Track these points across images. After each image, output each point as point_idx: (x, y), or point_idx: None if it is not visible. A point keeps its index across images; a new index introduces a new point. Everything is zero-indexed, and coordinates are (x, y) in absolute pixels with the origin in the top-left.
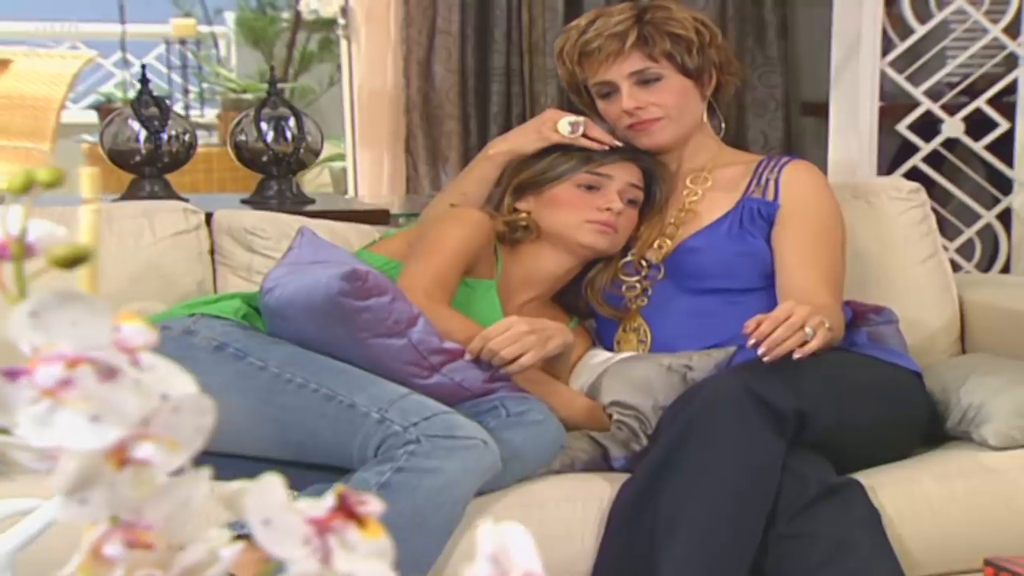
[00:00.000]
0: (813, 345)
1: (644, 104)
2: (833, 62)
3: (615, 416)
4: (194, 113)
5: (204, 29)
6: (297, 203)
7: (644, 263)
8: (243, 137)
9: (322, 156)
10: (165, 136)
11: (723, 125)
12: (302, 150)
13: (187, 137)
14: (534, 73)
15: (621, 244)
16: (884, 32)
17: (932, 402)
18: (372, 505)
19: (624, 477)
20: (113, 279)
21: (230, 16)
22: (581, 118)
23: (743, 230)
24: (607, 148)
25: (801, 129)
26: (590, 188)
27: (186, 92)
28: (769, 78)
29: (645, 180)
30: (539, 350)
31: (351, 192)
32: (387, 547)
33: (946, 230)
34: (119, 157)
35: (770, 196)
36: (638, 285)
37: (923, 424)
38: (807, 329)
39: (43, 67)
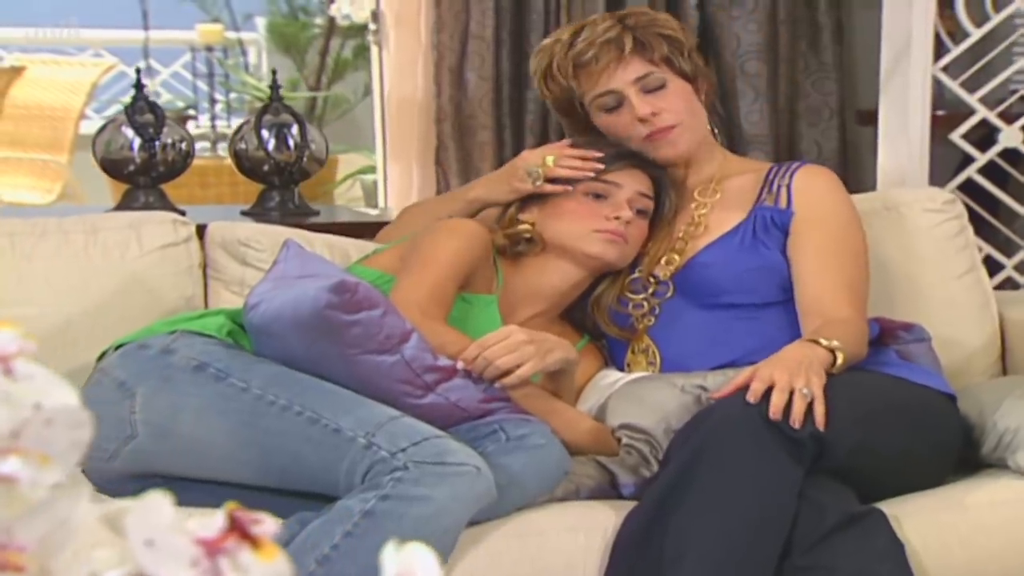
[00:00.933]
0: (819, 395)
1: (658, 111)
2: (882, 67)
3: (624, 440)
4: (221, 124)
5: (233, 36)
6: (300, 215)
7: (652, 280)
8: (243, 145)
9: (355, 168)
10: (159, 144)
11: (718, 134)
12: (305, 159)
13: (183, 145)
14: None
15: (631, 256)
16: (937, 36)
17: (966, 426)
18: (266, 525)
19: (632, 505)
20: (96, 294)
21: (261, 22)
22: (538, 163)
23: (756, 241)
24: (591, 174)
25: (857, 138)
26: (597, 197)
27: (212, 102)
28: (823, 84)
29: (655, 190)
30: (538, 361)
31: (381, 205)
32: (284, 570)
33: (1009, 247)
34: (112, 166)
35: (783, 204)
36: (645, 303)
37: (955, 450)
38: (803, 391)
39: (61, 75)
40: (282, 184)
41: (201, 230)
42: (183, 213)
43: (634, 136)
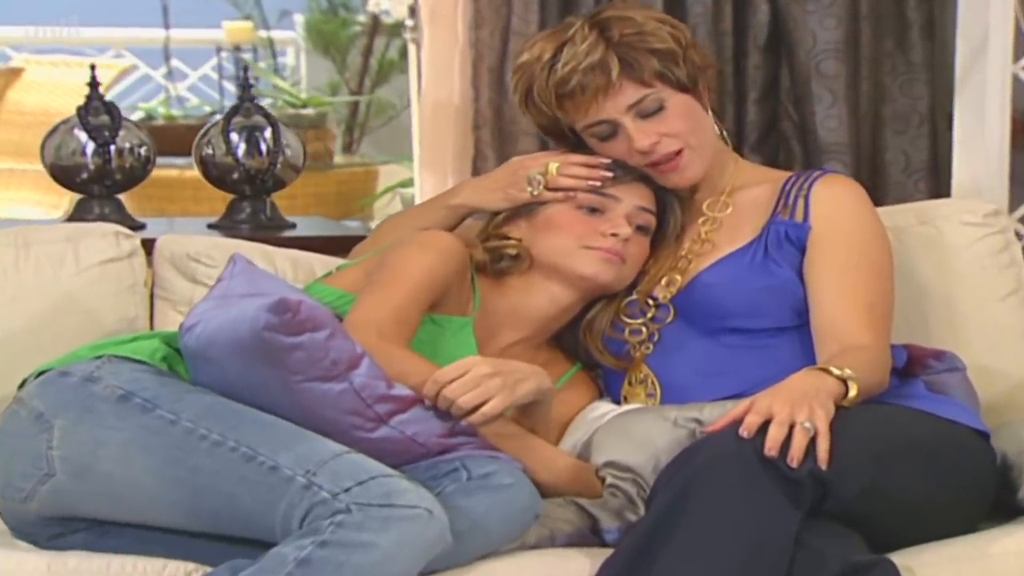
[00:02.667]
0: (823, 429)
1: (657, 138)
2: (957, 67)
3: (608, 480)
4: None
5: (268, 34)
6: (274, 227)
7: (651, 302)
8: (209, 151)
9: (396, 181)
10: (115, 149)
11: (727, 137)
12: (279, 166)
13: (143, 150)
14: None
15: (629, 278)
16: (1017, 31)
17: (1003, 467)
18: None
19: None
20: (24, 315)
21: (300, 20)
22: (541, 169)
23: (767, 259)
24: (597, 184)
25: (950, 147)
26: (593, 211)
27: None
28: (911, 87)
29: (658, 204)
30: (507, 395)
31: None
32: None
33: None
34: (63, 174)
35: (799, 216)
36: (644, 329)
37: (987, 494)
38: (804, 424)
39: (71, 79)
40: (254, 194)
41: (151, 244)
42: (142, 226)
43: (635, 164)
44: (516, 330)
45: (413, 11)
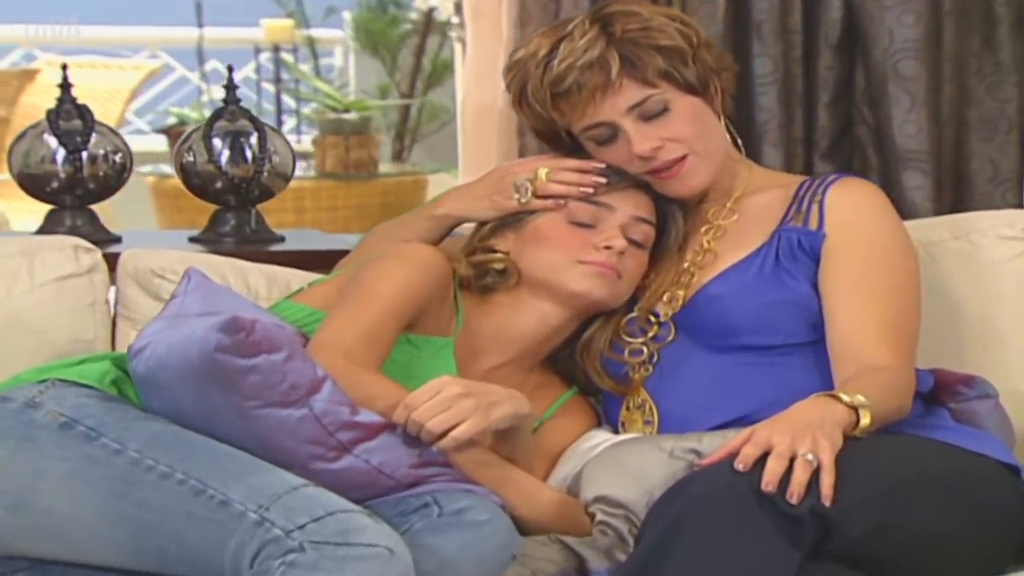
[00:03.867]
0: (827, 462)
1: (660, 142)
2: None
3: (598, 516)
4: (291, 138)
5: (314, 33)
6: (260, 241)
7: (652, 319)
8: (190, 158)
9: (445, 190)
10: (87, 156)
11: (740, 142)
12: (265, 174)
13: (118, 157)
14: None
15: (626, 294)
16: None
17: None
18: None
19: None
20: None
21: (348, 18)
22: (529, 175)
23: (779, 269)
24: (590, 190)
25: None
26: (585, 223)
27: (278, 111)
28: (999, 90)
29: (658, 214)
30: (479, 420)
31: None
32: None
33: None
34: (31, 183)
35: (813, 224)
36: (644, 348)
37: (1016, 534)
38: (807, 457)
39: (96, 81)
40: (238, 204)
41: (114, 259)
42: (118, 239)
43: (635, 171)
44: (502, 352)
45: (459, 8)
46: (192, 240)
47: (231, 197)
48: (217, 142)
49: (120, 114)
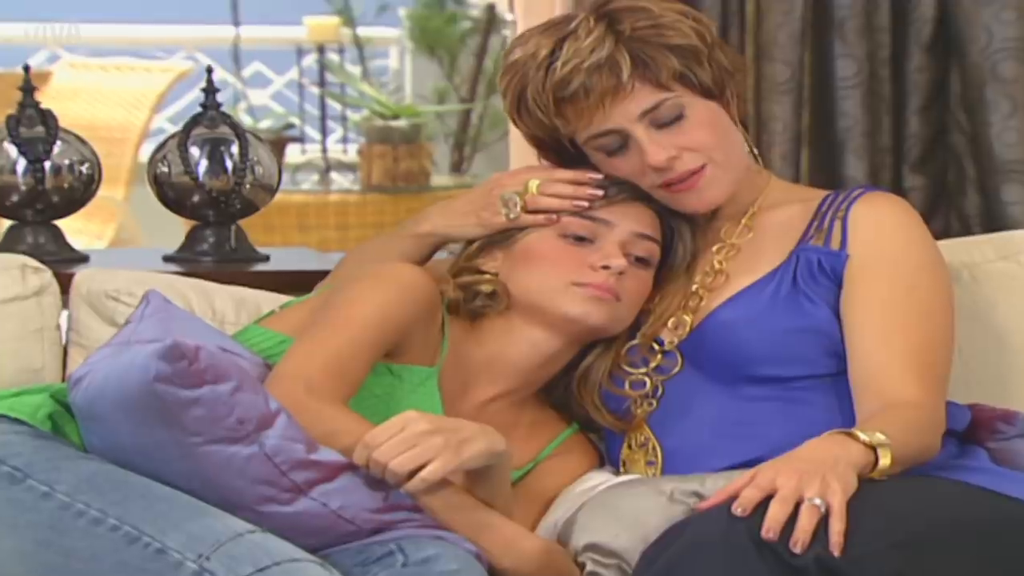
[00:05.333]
0: (837, 508)
1: (676, 151)
2: None
3: (588, 566)
4: (336, 147)
5: (364, 32)
6: (241, 260)
7: (656, 348)
8: (164, 168)
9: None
10: (50, 167)
11: (756, 152)
12: (247, 186)
13: (86, 168)
14: (762, 86)
15: (627, 319)
16: None
17: None
18: None
19: None
20: None
21: (403, 15)
22: (519, 188)
23: (797, 292)
24: (584, 204)
25: None
26: (580, 239)
27: (322, 118)
28: None
29: (664, 230)
30: (449, 459)
31: None
32: None
33: None
34: None
35: (835, 243)
36: (647, 380)
37: None
38: (815, 501)
39: (123, 85)
40: (217, 220)
41: (69, 280)
42: (84, 259)
43: (648, 185)
44: (493, 383)
45: (512, 4)
46: (167, 259)
47: (210, 212)
48: (194, 151)
49: (146, 121)
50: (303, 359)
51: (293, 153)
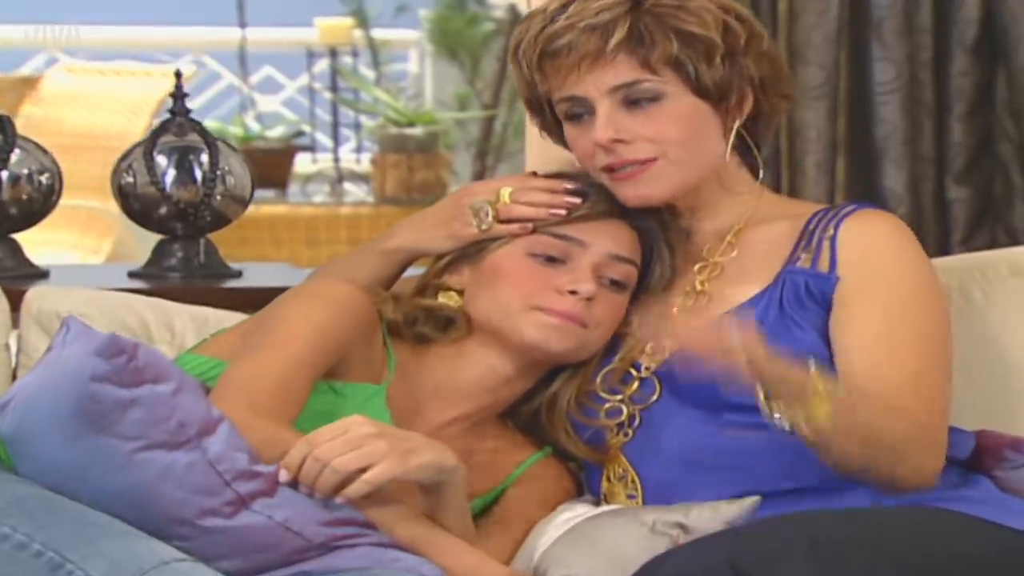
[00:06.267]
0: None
1: (630, 136)
2: None
3: None
4: (350, 157)
5: (383, 34)
6: (211, 276)
7: (634, 373)
8: (129, 179)
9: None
10: (7, 177)
11: (761, 171)
12: (217, 197)
13: (45, 179)
14: (795, 92)
15: (595, 347)
16: None
17: None
18: None
19: None
20: None
21: (424, 16)
22: (490, 197)
23: (784, 318)
24: (561, 212)
25: None
26: (551, 259)
27: (335, 125)
28: None
29: (643, 249)
30: (394, 464)
31: None
32: None
33: None
34: None
35: (823, 265)
36: (624, 408)
37: None
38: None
39: (122, 90)
40: (187, 233)
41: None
42: (44, 274)
43: (593, 166)
44: (447, 406)
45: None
46: (133, 275)
47: (177, 225)
48: (161, 160)
49: (146, 128)
50: (243, 378)
51: (303, 163)
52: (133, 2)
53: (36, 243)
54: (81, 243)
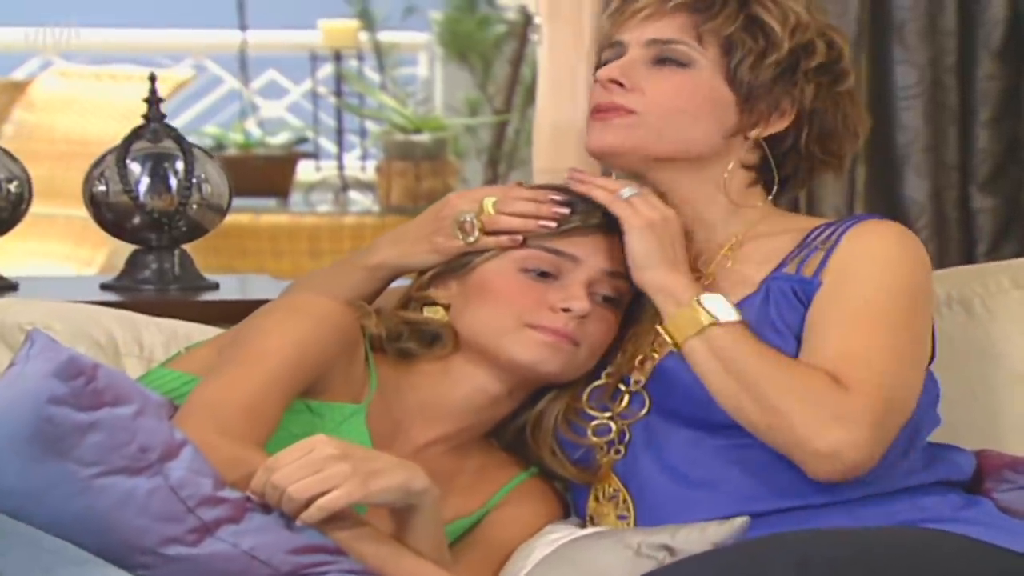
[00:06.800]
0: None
1: (631, 85)
2: None
3: None
4: (356, 164)
5: (391, 37)
6: (187, 288)
7: (623, 389)
8: (101, 187)
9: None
10: None
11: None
12: (193, 206)
13: (14, 187)
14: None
15: (586, 366)
16: None
17: None
18: None
19: None
20: None
21: (433, 18)
22: (474, 208)
23: (761, 324)
24: (551, 224)
25: None
26: (543, 275)
27: (339, 132)
28: None
29: None
30: (356, 487)
31: None
32: None
33: None
34: None
35: (808, 270)
36: (612, 425)
37: None
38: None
39: (117, 95)
40: (161, 244)
41: None
42: (14, 287)
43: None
44: (430, 427)
45: (539, 5)
46: (105, 287)
47: (151, 235)
48: (134, 167)
49: None
50: (212, 397)
51: (306, 171)
52: (132, 4)
53: (27, 254)
54: (75, 255)
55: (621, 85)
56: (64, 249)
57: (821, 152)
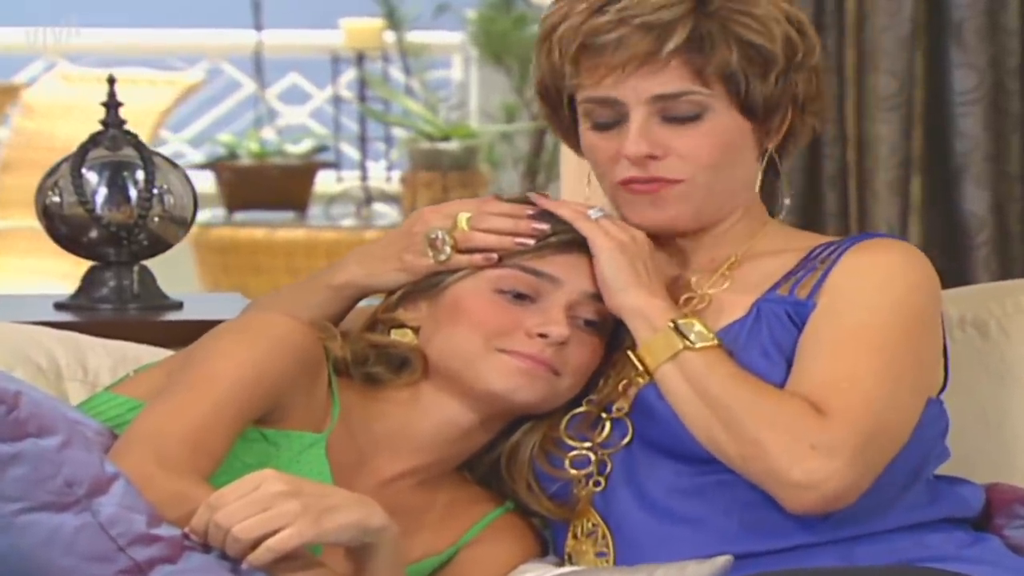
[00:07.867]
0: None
1: (663, 152)
2: None
3: None
4: (380, 175)
5: (421, 37)
6: (147, 307)
7: (605, 417)
8: (56, 198)
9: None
10: None
11: (786, 201)
12: (155, 219)
13: None
14: (864, 102)
15: (567, 395)
16: None
17: None
18: None
19: None
20: None
21: (469, 17)
22: (447, 225)
23: (748, 348)
24: (528, 241)
25: None
26: (520, 296)
27: (362, 139)
28: None
29: None
30: (304, 528)
31: None
32: None
33: None
34: None
35: (802, 292)
36: (592, 456)
37: None
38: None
39: (123, 101)
40: (119, 259)
41: None
42: None
43: (612, 179)
44: (396, 459)
45: None
46: (59, 306)
47: (109, 250)
48: (91, 177)
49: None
50: (154, 425)
51: (326, 181)
52: (142, 3)
53: (20, 271)
54: (74, 272)
55: (654, 157)
56: (61, 265)
57: (811, 121)
